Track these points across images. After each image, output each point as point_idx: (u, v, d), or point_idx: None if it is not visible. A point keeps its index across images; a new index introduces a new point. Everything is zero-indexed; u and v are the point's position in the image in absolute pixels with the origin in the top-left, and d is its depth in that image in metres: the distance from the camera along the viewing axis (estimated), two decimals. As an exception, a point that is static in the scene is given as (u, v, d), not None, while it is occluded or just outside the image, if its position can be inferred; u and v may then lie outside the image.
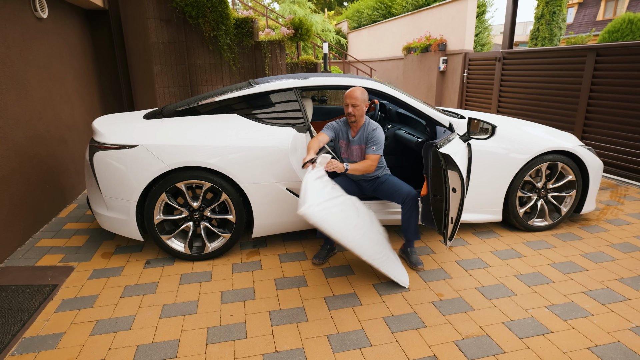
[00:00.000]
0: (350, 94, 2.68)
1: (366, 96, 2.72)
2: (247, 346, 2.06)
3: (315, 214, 2.08)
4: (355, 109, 2.68)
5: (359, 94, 2.67)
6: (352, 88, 2.71)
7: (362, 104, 2.69)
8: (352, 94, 2.67)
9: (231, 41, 5.69)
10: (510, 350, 2.01)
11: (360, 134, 2.76)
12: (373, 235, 2.54)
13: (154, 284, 2.65)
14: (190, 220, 2.91)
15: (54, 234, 3.40)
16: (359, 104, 2.67)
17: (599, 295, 2.47)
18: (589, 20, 23.92)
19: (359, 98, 2.66)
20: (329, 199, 2.31)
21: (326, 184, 2.47)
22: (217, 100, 3.00)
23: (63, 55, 4.17)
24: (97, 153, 2.77)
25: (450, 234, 2.39)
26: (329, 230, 2.14)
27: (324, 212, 2.15)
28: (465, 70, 8.25)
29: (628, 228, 3.45)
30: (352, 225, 2.34)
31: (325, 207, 2.20)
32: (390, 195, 2.84)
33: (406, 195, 2.74)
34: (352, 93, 2.68)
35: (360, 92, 2.68)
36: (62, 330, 2.19)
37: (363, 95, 2.69)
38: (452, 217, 2.31)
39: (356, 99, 2.66)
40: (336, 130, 2.83)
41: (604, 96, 5.03)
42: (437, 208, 2.39)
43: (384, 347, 2.04)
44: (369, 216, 2.64)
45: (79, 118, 4.42)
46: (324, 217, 2.13)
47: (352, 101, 2.66)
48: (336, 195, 2.44)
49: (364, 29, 14.62)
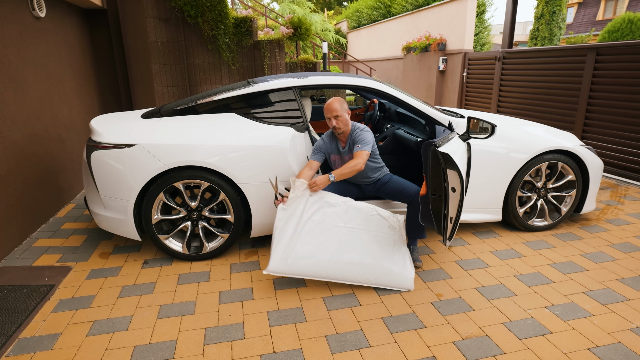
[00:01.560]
0: (328, 108, 2.64)
1: (345, 105, 2.69)
2: (244, 347, 2.05)
3: (280, 272, 2.42)
4: (338, 120, 2.65)
5: (337, 105, 2.63)
6: (328, 101, 2.67)
7: (344, 113, 2.66)
8: (331, 107, 2.63)
9: (230, 40, 5.67)
10: (510, 351, 1.99)
11: (349, 143, 2.73)
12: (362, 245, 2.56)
13: (151, 284, 2.64)
14: (188, 220, 2.89)
15: (52, 233, 3.38)
16: (340, 114, 2.64)
17: (600, 296, 2.46)
18: (589, 20, 23.90)
19: (339, 109, 2.63)
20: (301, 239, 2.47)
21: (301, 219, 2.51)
22: (215, 99, 2.98)
23: (61, 54, 4.15)
24: (95, 152, 2.76)
25: (450, 234, 2.38)
26: (300, 277, 2.48)
27: (290, 266, 2.42)
28: (465, 70, 8.24)
29: (628, 228, 3.44)
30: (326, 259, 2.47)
31: (293, 258, 2.42)
32: (396, 195, 2.82)
33: (413, 195, 2.73)
34: (330, 106, 2.64)
35: (339, 103, 2.65)
36: (59, 330, 2.17)
37: (342, 105, 2.66)
38: (452, 217, 2.30)
39: (336, 110, 2.63)
40: (324, 149, 2.79)
41: (604, 96, 5.02)
42: (437, 208, 2.37)
43: (383, 348, 2.03)
44: (362, 219, 2.60)
45: (77, 117, 4.40)
46: (292, 271, 2.44)
47: (333, 114, 2.64)
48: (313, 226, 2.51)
49: (364, 28, 14.61)
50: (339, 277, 2.48)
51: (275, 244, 2.43)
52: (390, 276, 2.54)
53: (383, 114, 4.28)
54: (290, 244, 2.44)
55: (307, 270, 2.45)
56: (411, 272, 2.61)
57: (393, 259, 2.60)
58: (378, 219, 2.63)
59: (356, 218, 2.60)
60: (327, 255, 2.47)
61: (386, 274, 2.54)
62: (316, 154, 2.77)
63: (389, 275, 2.54)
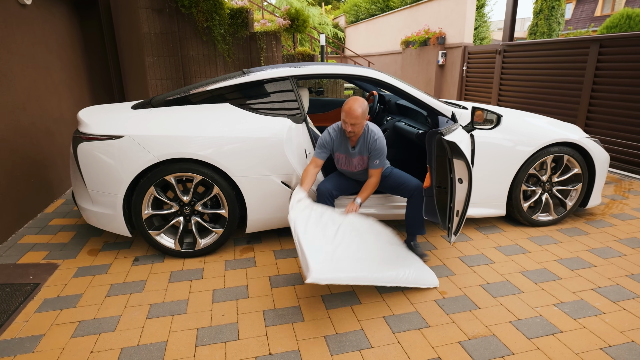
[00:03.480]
0: (350, 114, 2.40)
1: (367, 110, 2.46)
2: (239, 348, 1.94)
3: (324, 279, 1.93)
4: (355, 127, 2.46)
5: (360, 113, 2.38)
6: (351, 105, 2.39)
7: (363, 121, 2.46)
8: (352, 114, 2.39)
9: (225, 32, 5.53)
10: (518, 352, 1.89)
11: (361, 145, 2.58)
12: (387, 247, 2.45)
13: (141, 282, 2.52)
14: (181, 215, 2.77)
15: (39, 230, 3.25)
16: (358, 122, 2.44)
17: (609, 293, 2.36)
18: (587, 16, 23.82)
19: (360, 117, 2.40)
20: (329, 243, 2.17)
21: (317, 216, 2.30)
22: (208, 89, 2.85)
23: (49, 44, 4.00)
24: (81, 144, 2.62)
25: (456, 229, 2.26)
26: (344, 282, 2.03)
27: (331, 272, 1.99)
28: (465, 64, 8.12)
29: (635, 223, 3.34)
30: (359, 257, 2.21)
31: (330, 261, 2.06)
32: (396, 189, 2.72)
33: (414, 189, 2.62)
34: (353, 112, 2.39)
35: (362, 111, 2.40)
36: (42, 332, 2.05)
37: (364, 112, 2.43)
38: (458, 210, 2.18)
39: (357, 118, 2.39)
40: (330, 146, 2.62)
41: (608, 89, 4.92)
42: (442, 201, 2.25)
43: (385, 349, 1.92)
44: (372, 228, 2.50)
45: (67, 110, 4.25)
46: (334, 277, 1.99)
47: (352, 121, 2.41)
48: (333, 229, 2.29)
49: (362, 23, 14.46)
50: (380, 281, 2.20)
51: (307, 249, 2.03)
52: (422, 272, 2.44)
53: (382, 106, 4.16)
54: (320, 246, 2.13)
55: (352, 272, 2.10)
56: (428, 268, 2.56)
57: (414, 257, 2.59)
58: (380, 226, 2.57)
59: (364, 224, 2.51)
60: (364, 258, 2.25)
61: (419, 269, 2.44)
62: (321, 151, 2.60)
63: (420, 270, 2.44)
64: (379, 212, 3.01)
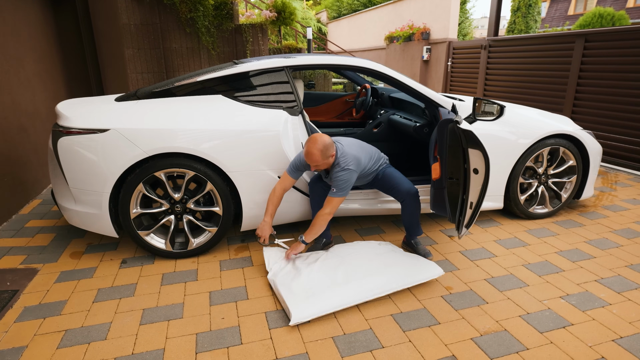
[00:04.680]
0: (308, 157, 2.28)
1: (330, 151, 2.29)
2: (243, 353, 1.82)
3: (306, 316, 2.00)
4: (318, 167, 2.34)
5: (318, 157, 2.25)
6: (308, 149, 2.26)
7: (327, 159, 2.30)
8: (311, 158, 2.26)
9: (210, 24, 5.33)
10: (533, 347, 1.85)
11: (331, 175, 2.43)
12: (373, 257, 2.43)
13: (131, 285, 2.36)
14: (172, 214, 2.61)
15: (15, 232, 3.02)
16: (320, 163, 2.29)
17: (613, 283, 2.36)
18: (561, 14, 24.51)
19: (319, 159, 2.26)
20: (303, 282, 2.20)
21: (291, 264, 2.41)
22: (199, 80, 2.70)
23: (21, 34, 3.73)
24: (62, 139, 2.43)
25: (468, 221, 2.19)
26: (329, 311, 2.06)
27: (311, 308, 2.03)
28: (450, 59, 8.16)
29: (626, 214, 3.39)
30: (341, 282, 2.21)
31: (306, 299, 2.08)
32: (388, 191, 2.64)
33: (405, 194, 2.54)
34: (310, 157, 2.26)
35: (321, 153, 2.25)
36: (24, 343, 1.87)
37: (325, 152, 2.26)
38: (472, 202, 2.11)
39: (316, 161, 2.27)
40: (305, 168, 2.45)
41: (593, 82, 5.00)
42: (453, 192, 2.17)
43: (397, 348, 1.84)
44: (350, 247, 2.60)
45: (42, 105, 3.99)
46: (316, 311, 2.03)
47: (313, 163, 2.29)
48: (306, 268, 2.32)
49: (344, 18, 14.37)
50: (371, 293, 2.15)
51: (285, 294, 2.12)
52: (418, 267, 2.36)
53: (376, 100, 4.08)
54: (301, 285, 2.17)
55: (335, 301, 2.08)
56: (425, 258, 2.51)
57: (404, 254, 2.54)
58: (363, 243, 2.65)
59: (345, 249, 2.57)
60: (346, 279, 2.22)
61: (412, 266, 2.36)
62: (295, 171, 2.44)
63: (415, 265, 2.37)
64: (362, 207, 2.92)
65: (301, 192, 2.77)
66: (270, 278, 2.33)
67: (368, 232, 3.05)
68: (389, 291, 2.19)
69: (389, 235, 2.99)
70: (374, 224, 3.19)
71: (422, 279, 2.29)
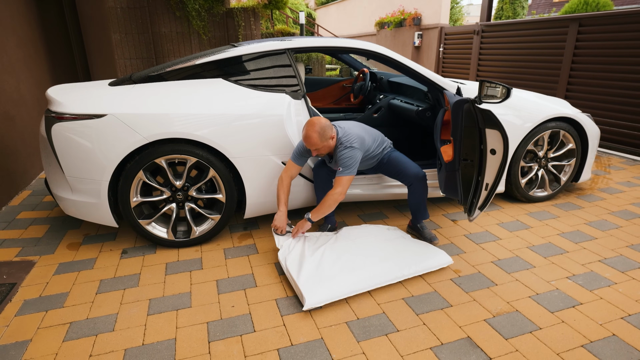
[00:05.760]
0: (307, 140, 2.27)
1: (328, 133, 2.28)
2: (257, 341, 1.79)
3: (320, 301, 1.97)
4: (318, 151, 2.32)
5: (316, 139, 2.24)
6: (306, 132, 2.26)
7: (327, 142, 2.29)
8: (309, 141, 2.26)
9: (200, 7, 5.16)
10: (545, 326, 1.86)
11: (335, 157, 2.41)
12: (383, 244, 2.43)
13: (135, 275, 2.29)
14: (173, 202, 2.54)
15: (6, 224, 2.90)
16: (320, 146, 2.28)
17: (616, 263, 2.40)
18: (547, 1, 24.63)
19: (318, 142, 2.26)
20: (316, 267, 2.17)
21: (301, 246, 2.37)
22: (198, 63, 2.60)
23: (2, 18, 3.54)
24: (56, 125, 2.31)
25: (482, 203, 2.17)
26: (343, 296, 2.03)
27: (325, 292, 2.00)
28: (442, 45, 8.12)
29: (622, 196, 3.45)
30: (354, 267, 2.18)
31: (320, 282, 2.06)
32: (395, 175, 2.62)
33: (414, 178, 2.52)
34: (309, 140, 2.26)
35: (319, 135, 2.24)
36: (28, 337, 1.80)
37: (323, 135, 2.26)
38: (488, 184, 2.09)
39: (315, 144, 2.26)
40: (309, 154, 2.44)
41: (587, 67, 5.04)
42: (467, 174, 2.15)
43: (412, 331, 1.84)
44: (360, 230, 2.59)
45: (27, 92, 3.82)
46: (330, 296, 2.00)
47: (313, 147, 2.29)
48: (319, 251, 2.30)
49: (333, 4, 14.17)
50: (384, 279, 2.14)
51: (297, 277, 2.09)
52: (428, 254, 2.35)
53: (375, 84, 4.03)
54: (312, 268, 2.14)
55: (349, 286, 2.06)
56: (434, 246, 2.50)
57: (413, 240, 2.53)
58: (373, 228, 2.63)
59: (355, 231, 2.56)
60: (359, 264, 2.19)
61: (423, 254, 2.35)
62: (300, 158, 2.43)
63: (426, 253, 2.36)
64: (366, 193, 2.89)
65: (305, 178, 2.72)
66: (281, 257, 2.30)
67: (371, 217, 3.03)
68: (401, 278, 2.18)
69: (392, 220, 2.97)
70: (377, 209, 3.18)
71: (433, 266, 2.29)
